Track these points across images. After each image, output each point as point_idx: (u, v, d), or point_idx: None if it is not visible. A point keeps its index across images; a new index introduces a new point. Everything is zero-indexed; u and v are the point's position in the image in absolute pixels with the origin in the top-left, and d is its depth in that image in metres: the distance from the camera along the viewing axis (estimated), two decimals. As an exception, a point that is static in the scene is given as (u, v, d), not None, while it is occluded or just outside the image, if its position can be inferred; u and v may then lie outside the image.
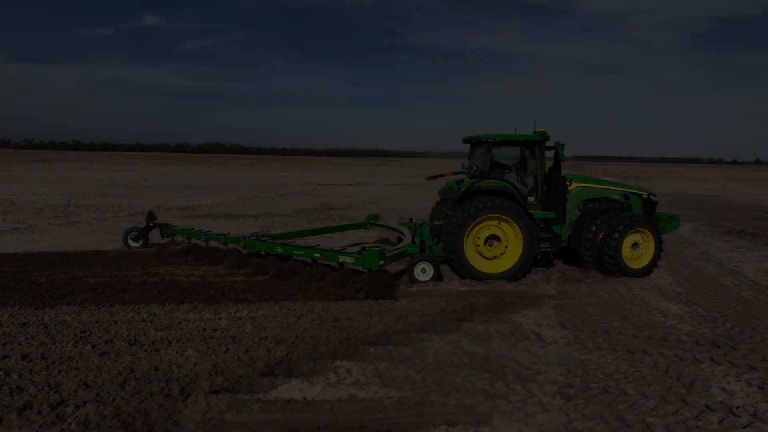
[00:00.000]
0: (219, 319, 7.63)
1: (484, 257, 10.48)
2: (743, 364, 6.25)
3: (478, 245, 10.41)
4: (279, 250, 10.81)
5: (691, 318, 8.07)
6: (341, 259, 9.87)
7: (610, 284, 10.26)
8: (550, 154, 11.42)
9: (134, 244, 13.47)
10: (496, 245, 10.50)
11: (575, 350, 6.70)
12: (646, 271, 10.92)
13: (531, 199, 11.10)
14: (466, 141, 11.86)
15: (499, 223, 10.44)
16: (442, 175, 11.83)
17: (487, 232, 10.43)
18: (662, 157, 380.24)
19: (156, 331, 7.09)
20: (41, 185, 36.18)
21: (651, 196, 11.99)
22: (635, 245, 10.85)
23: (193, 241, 12.65)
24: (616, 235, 10.59)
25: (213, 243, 12.41)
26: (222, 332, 7.09)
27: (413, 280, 10.10)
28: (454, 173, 11.96)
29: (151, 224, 13.62)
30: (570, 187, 11.36)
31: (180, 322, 7.48)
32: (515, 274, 10.42)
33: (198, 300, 8.56)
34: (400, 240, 13.09)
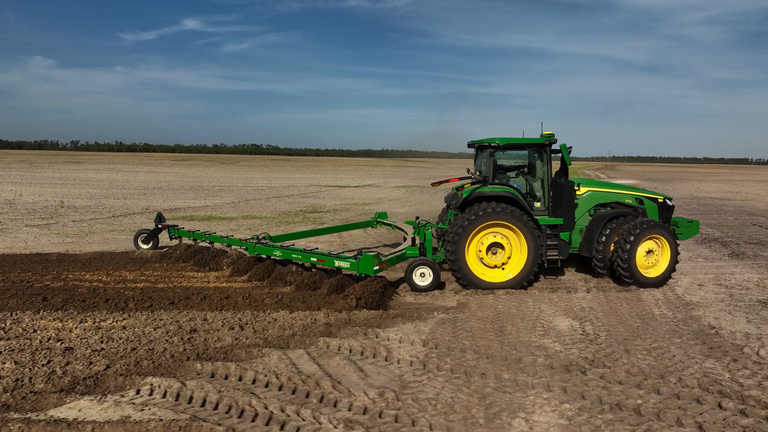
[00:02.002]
0: (74, 329, 7.52)
1: (487, 266, 10.09)
2: (577, 391, 5.75)
3: (480, 253, 10.03)
4: (277, 253, 10.74)
5: (571, 337, 7.53)
6: (337, 263, 9.73)
7: (518, 296, 9.73)
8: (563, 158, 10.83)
9: (144, 246, 13.66)
10: (500, 253, 10.11)
11: (412, 371, 6.31)
12: (662, 280, 10.42)
13: (538, 204, 10.67)
14: (470, 145, 11.51)
15: (503, 230, 10.04)
16: (447, 181, 11.45)
17: (489, 240, 10.04)
18: (707, 158, 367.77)
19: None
20: (54, 186, 37.30)
21: (667, 201, 11.49)
22: (650, 252, 10.34)
23: (199, 242, 12.82)
24: (628, 245, 10.06)
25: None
26: (63, 343, 6.97)
27: (413, 287, 9.81)
28: (460, 178, 11.59)
29: (159, 226, 13.76)
30: (579, 192, 10.92)
31: (35, 331, 7.41)
32: (519, 283, 10.03)
33: (76, 307, 8.49)
34: (405, 240, 12.76)
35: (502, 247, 10.08)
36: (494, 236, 10.07)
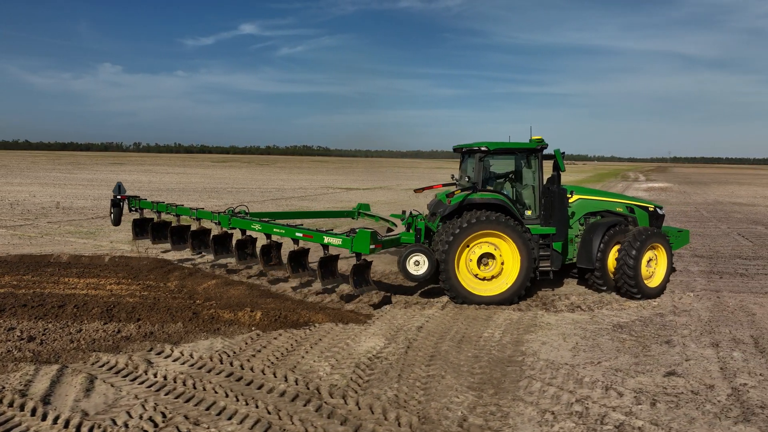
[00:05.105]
0: None
1: (478, 278, 9.62)
2: (268, 424, 5.28)
3: (470, 264, 9.56)
4: (257, 227, 10.18)
5: (354, 360, 6.97)
6: (326, 239, 9.13)
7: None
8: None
9: (112, 218, 13.26)
10: (491, 264, 9.62)
11: (137, 394, 5.98)
12: (661, 290, 10.17)
13: (529, 213, 10.22)
14: (456, 150, 11.12)
15: (494, 240, 9.56)
16: (430, 187, 11.13)
17: (480, 250, 9.56)
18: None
19: None
20: (75, 187, 38.85)
21: (657, 210, 11.17)
22: (649, 262, 10.00)
23: (163, 216, 12.42)
24: (633, 256, 9.63)
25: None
26: None
27: (406, 275, 9.21)
28: (444, 185, 11.30)
29: (118, 197, 13.05)
30: (570, 200, 10.46)
31: None
32: (512, 296, 9.54)
33: None
34: (390, 231, 12.25)
35: (493, 257, 9.56)
36: (485, 246, 9.53)
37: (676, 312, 9.20)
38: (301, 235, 9.43)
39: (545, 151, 10.32)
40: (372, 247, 8.71)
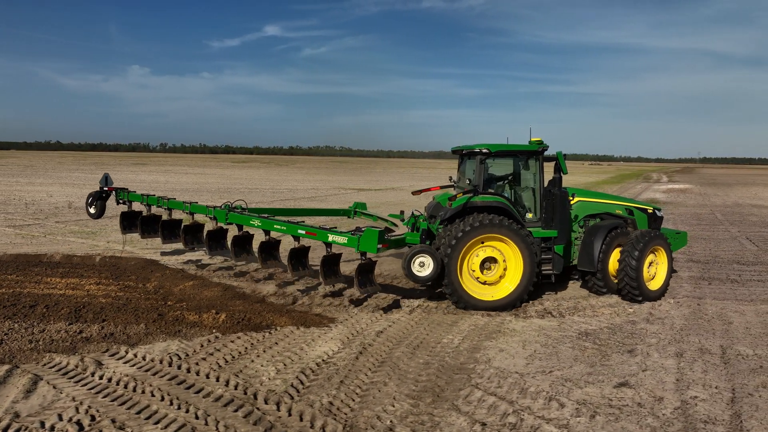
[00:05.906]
0: None
1: (480, 282, 9.50)
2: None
3: (473, 269, 9.43)
4: (256, 223, 9.97)
5: (302, 366, 6.91)
6: (331, 237, 8.97)
7: (331, 314, 9.11)
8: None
9: (92, 211, 13.15)
10: (494, 268, 9.48)
11: (75, 396, 6.00)
12: (662, 293, 10.13)
13: (530, 216, 10.12)
14: (455, 151, 11.04)
15: (496, 244, 9.42)
16: (428, 189, 11.08)
17: (483, 254, 9.43)
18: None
19: None
20: (93, 187, 39.04)
21: (656, 211, 11.19)
22: (650, 264, 9.98)
23: (153, 209, 12.20)
24: (636, 259, 9.58)
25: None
26: None
27: (410, 276, 8.98)
28: (441, 187, 11.22)
29: (105, 188, 12.85)
30: (570, 202, 10.35)
31: None
32: (515, 300, 9.41)
33: None
34: (389, 231, 12.08)
35: (495, 261, 9.44)
36: (487, 250, 9.39)
37: (650, 320, 8.91)
38: (303, 232, 9.24)
39: (548, 153, 10.15)
40: (379, 246, 8.53)
